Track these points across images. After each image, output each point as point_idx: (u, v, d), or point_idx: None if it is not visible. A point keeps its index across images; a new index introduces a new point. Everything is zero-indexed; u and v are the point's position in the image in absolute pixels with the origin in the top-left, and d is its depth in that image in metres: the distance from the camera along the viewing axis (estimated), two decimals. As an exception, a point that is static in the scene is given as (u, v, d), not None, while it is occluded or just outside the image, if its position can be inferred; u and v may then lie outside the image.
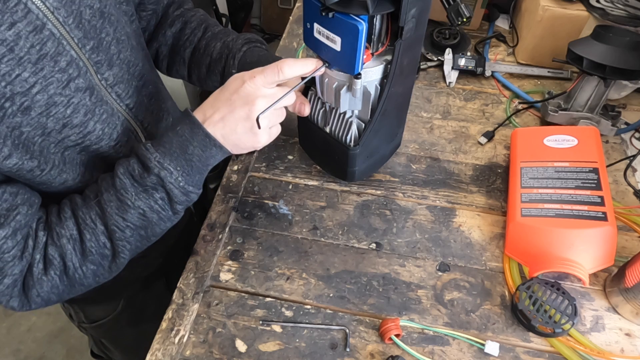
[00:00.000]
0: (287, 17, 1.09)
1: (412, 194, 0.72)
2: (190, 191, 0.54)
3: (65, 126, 0.50)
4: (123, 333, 0.85)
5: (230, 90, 0.52)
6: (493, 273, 0.63)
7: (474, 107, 0.85)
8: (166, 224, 0.56)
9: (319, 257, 0.65)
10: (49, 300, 0.53)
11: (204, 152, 0.52)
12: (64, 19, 0.47)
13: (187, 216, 0.79)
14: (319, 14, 0.49)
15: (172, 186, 0.52)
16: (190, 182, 0.53)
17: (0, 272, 0.49)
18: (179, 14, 0.73)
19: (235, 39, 0.70)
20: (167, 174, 0.51)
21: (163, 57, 0.75)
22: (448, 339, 0.57)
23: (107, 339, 0.89)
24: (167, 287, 0.84)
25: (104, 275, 0.56)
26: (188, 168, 0.52)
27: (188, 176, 0.53)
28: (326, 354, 0.56)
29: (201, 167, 0.53)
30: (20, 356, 1.54)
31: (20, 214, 0.49)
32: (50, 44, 0.46)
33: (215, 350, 0.57)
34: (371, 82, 0.57)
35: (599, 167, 0.63)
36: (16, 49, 0.43)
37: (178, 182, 0.52)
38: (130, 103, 0.60)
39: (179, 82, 1.80)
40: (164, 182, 0.51)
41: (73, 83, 0.49)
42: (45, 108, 0.47)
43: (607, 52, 0.69)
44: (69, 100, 0.49)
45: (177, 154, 0.51)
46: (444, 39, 0.93)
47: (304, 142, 0.76)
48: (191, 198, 0.55)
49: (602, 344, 0.56)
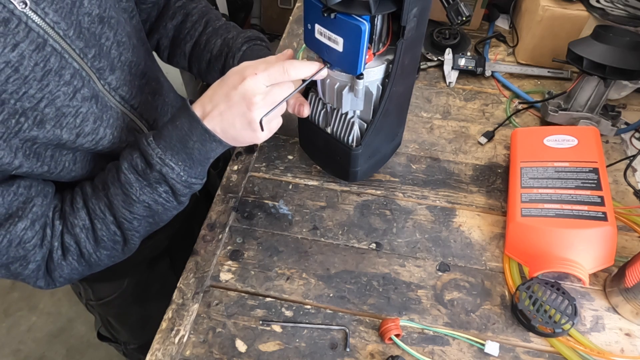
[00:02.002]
0: (287, 17, 1.09)
1: (412, 194, 0.72)
2: (193, 183, 0.55)
3: (78, 136, 0.52)
4: (129, 311, 0.88)
5: (230, 86, 0.51)
6: (493, 273, 0.63)
7: (474, 107, 0.85)
8: (172, 212, 0.58)
9: (319, 257, 0.65)
10: (71, 279, 0.58)
11: (203, 146, 0.52)
12: (64, 32, 0.48)
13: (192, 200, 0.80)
14: (321, 15, 0.49)
15: (174, 181, 0.53)
16: (193, 175, 0.54)
17: (25, 259, 0.52)
18: (180, 5, 0.72)
19: (236, 37, 0.70)
20: (168, 170, 0.52)
21: (164, 48, 0.75)
22: (448, 339, 0.57)
23: (113, 316, 0.90)
24: (170, 266, 0.87)
25: (118, 256, 0.59)
26: (189, 162, 0.53)
27: (190, 169, 0.53)
28: (326, 354, 0.56)
29: (202, 160, 0.54)
30: (20, 356, 1.54)
31: (36, 205, 0.52)
32: (54, 60, 0.47)
33: (215, 350, 0.57)
34: (373, 82, 0.57)
35: (599, 167, 0.63)
36: (21, 69, 0.44)
37: (180, 177, 0.53)
38: (135, 103, 0.61)
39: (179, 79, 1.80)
40: (166, 178, 0.52)
41: (79, 94, 0.51)
42: (56, 120, 0.49)
43: (607, 52, 0.69)
44: (77, 111, 0.51)
45: (177, 148, 0.52)
46: (444, 39, 0.93)
47: (304, 143, 0.76)
48: (194, 188, 0.56)
49: (602, 344, 0.56)
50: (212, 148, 0.53)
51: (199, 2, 0.74)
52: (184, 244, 0.69)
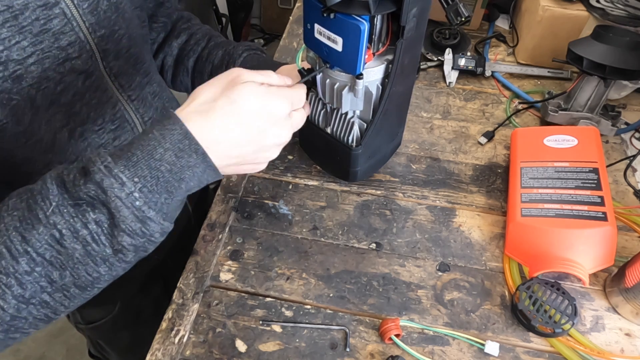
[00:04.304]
0: (287, 17, 1.09)
1: (412, 194, 0.72)
2: (150, 217, 0.37)
3: (52, 104, 0.49)
4: (119, 335, 0.85)
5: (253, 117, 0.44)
6: (493, 273, 0.63)
7: (474, 107, 0.85)
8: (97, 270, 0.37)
9: (319, 257, 0.65)
10: None
11: (177, 158, 0.38)
12: (78, 2, 0.48)
13: (186, 219, 0.79)
14: (320, 15, 0.49)
15: (119, 203, 0.36)
16: (152, 202, 0.37)
17: None
18: (185, 27, 0.75)
19: (237, 46, 0.72)
20: (113, 183, 0.36)
21: (168, 67, 0.76)
22: (448, 339, 0.57)
23: (103, 340, 0.89)
24: (165, 290, 0.83)
25: None
26: (152, 180, 0.37)
27: (150, 193, 0.37)
28: (326, 354, 0.56)
29: (171, 182, 0.38)
30: (20, 356, 1.54)
31: None
32: (57, 22, 0.46)
33: (215, 350, 0.57)
34: (373, 82, 0.57)
35: (599, 167, 0.63)
36: (20, 17, 0.43)
37: (131, 199, 0.36)
38: (132, 95, 0.60)
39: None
40: (107, 196, 0.36)
41: (69, 63, 0.49)
42: (37, 80, 0.46)
43: (607, 52, 0.69)
44: (61, 78, 0.49)
45: (137, 157, 0.37)
46: (444, 39, 0.93)
47: (304, 143, 0.76)
48: (151, 230, 0.37)
49: (602, 344, 0.56)
50: (189, 165, 0.38)
51: (203, 25, 0.77)
52: (179, 267, 0.64)
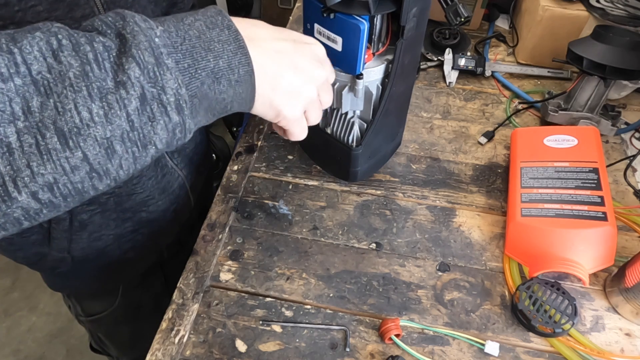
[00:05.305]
0: (287, 17, 1.09)
1: (412, 194, 0.72)
2: (167, 65, 0.31)
3: None
4: (119, 330, 0.86)
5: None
6: (493, 273, 0.63)
7: (474, 107, 0.85)
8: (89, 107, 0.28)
9: (319, 257, 0.65)
10: None
11: (209, 29, 0.34)
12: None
13: (187, 213, 0.79)
14: (320, 15, 0.49)
15: (136, 28, 0.31)
16: (172, 53, 0.32)
17: None
18: None
19: None
20: (135, 15, 0.32)
21: None
22: (448, 339, 0.57)
23: (103, 334, 0.89)
24: (165, 286, 0.84)
25: None
26: (177, 39, 0.33)
27: (172, 46, 0.32)
28: (326, 354, 0.56)
29: (197, 48, 0.33)
30: (20, 356, 1.54)
31: None
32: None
33: (215, 350, 0.57)
34: (373, 82, 0.57)
35: (599, 167, 0.63)
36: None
37: (151, 34, 0.31)
38: None
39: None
40: (125, 22, 0.31)
41: None
42: None
43: (607, 52, 0.69)
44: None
45: (165, 18, 0.34)
46: (444, 39, 0.93)
47: (304, 143, 0.76)
48: (164, 80, 0.31)
49: (602, 344, 0.56)
50: (220, 39, 0.34)
51: None
52: (179, 261, 0.64)
